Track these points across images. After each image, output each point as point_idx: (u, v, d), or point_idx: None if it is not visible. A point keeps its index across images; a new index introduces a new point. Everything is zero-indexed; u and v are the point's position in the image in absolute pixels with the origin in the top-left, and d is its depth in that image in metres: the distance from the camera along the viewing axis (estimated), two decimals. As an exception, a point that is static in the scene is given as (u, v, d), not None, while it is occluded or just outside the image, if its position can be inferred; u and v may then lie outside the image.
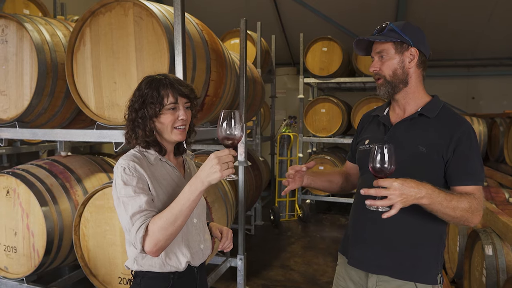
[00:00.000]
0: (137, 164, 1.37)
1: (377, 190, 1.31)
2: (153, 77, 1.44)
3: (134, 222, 1.29)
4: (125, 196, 1.32)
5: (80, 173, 3.26)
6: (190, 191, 1.28)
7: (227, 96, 3.27)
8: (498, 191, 4.00)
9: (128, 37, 2.47)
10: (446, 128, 1.54)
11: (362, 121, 1.86)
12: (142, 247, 1.27)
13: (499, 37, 7.72)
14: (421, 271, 1.57)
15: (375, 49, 1.61)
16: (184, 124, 1.44)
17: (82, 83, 2.65)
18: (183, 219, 1.29)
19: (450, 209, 1.38)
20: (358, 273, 1.68)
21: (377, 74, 1.61)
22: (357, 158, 1.78)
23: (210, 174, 1.24)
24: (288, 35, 8.63)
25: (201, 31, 2.81)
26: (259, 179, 4.98)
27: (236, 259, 3.56)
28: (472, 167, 1.50)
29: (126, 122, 1.47)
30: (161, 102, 1.39)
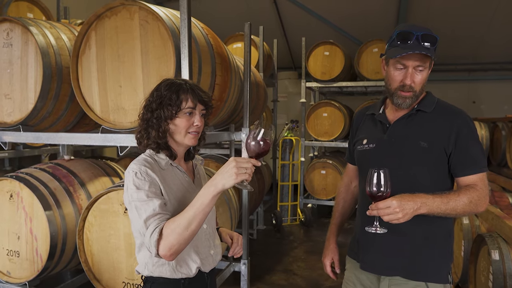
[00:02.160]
0: (149, 169, 1.36)
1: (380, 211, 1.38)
2: (173, 80, 1.44)
3: (149, 226, 1.27)
4: (138, 200, 1.31)
5: (83, 177, 3.25)
6: (204, 195, 1.26)
7: (232, 100, 3.26)
8: (502, 195, 3.99)
9: (134, 41, 2.46)
10: (444, 120, 1.56)
11: (356, 120, 1.84)
12: (156, 251, 1.25)
13: (500, 41, 7.75)
14: (433, 270, 1.57)
15: (415, 61, 1.51)
16: (198, 130, 1.44)
17: (87, 87, 2.64)
18: (198, 223, 1.27)
19: (450, 210, 1.44)
20: (369, 277, 1.67)
21: (411, 88, 1.54)
22: (357, 159, 1.77)
23: (225, 177, 1.22)
24: (290, 39, 8.65)
25: (206, 35, 2.81)
26: (261, 183, 4.97)
27: (240, 263, 3.54)
28: (474, 156, 1.53)
29: (139, 122, 1.46)
30: (179, 105, 1.38)
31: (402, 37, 1.52)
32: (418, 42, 1.50)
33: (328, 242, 1.90)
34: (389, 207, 1.36)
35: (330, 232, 1.92)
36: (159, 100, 1.40)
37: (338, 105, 6.47)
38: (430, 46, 1.50)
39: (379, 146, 1.65)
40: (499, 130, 5.93)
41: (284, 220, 6.26)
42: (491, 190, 4.33)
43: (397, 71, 1.55)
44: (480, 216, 3.09)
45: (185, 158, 1.55)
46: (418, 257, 1.57)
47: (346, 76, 6.75)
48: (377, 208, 1.37)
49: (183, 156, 1.53)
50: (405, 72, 1.54)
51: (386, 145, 1.62)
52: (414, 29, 1.51)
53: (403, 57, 1.51)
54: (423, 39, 1.50)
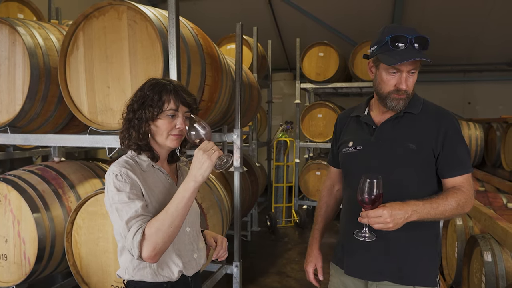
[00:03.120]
0: (130, 171, 1.33)
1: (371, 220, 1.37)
2: (157, 80, 1.41)
3: (130, 227, 1.24)
4: (119, 202, 1.28)
5: (73, 179, 3.21)
6: (184, 189, 1.26)
7: (223, 101, 3.24)
8: (496, 196, 3.97)
9: (122, 41, 2.44)
10: (432, 121, 1.55)
11: (340, 122, 1.81)
12: (139, 253, 1.23)
13: (495, 42, 7.76)
14: (421, 274, 1.55)
15: (410, 65, 1.48)
16: (180, 133, 1.41)
17: (75, 88, 2.61)
18: (180, 219, 1.26)
19: (439, 214, 1.44)
20: (355, 283, 1.63)
21: (405, 92, 1.52)
22: (342, 161, 1.74)
23: (200, 167, 1.25)
24: (285, 40, 8.64)
25: (196, 35, 2.79)
26: (255, 185, 4.94)
27: (232, 266, 3.51)
28: (461, 157, 1.53)
29: (122, 121, 1.43)
30: (160, 107, 1.35)
31: (395, 41, 1.48)
32: (412, 46, 1.47)
33: (311, 248, 1.85)
34: (380, 217, 1.34)
35: (312, 238, 1.87)
36: (141, 100, 1.37)
37: (333, 106, 6.46)
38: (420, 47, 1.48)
39: (366, 148, 1.62)
40: (493, 131, 5.93)
41: (279, 222, 6.23)
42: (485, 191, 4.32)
43: (390, 75, 1.52)
44: (474, 217, 3.06)
45: (169, 160, 1.52)
46: (406, 261, 1.54)
47: (341, 77, 6.74)
48: (367, 217, 1.36)
49: (166, 158, 1.50)
50: (399, 76, 1.50)
51: (373, 147, 1.60)
52: (406, 32, 1.48)
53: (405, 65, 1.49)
54: (417, 42, 1.47)
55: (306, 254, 1.87)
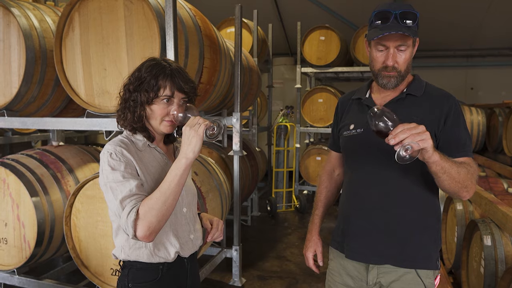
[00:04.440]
0: (124, 149, 1.31)
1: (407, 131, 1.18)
2: (156, 61, 1.37)
3: (125, 206, 1.24)
4: (114, 181, 1.27)
5: (72, 163, 3.20)
6: (176, 167, 1.26)
7: (222, 85, 3.20)
8: (497, 181, 3.96)
9: (118, 22, 2.39)
10: (434, 103, 1.51)
11: (341, 105, 1.77)
12: (134, 232, 1.22)
13: (498, 27, 7.64)
14: (423, 257, 1.53)
15: (396, 41, 1.45)
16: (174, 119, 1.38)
17: (72, 70, 2.57)
18: (174, 197, 1.26)
19: (455, 170, 1.33)
20: (356, 267, 1.60)
21: (394, 68, 1.49)
22: (343, 145, 1.70)
23: (189, 143, 1.24)
24: (286, 24, 8.52)
25: (194, 17, 2.73)
26: (255, 170, 4.93)
27: (232, 250, 3.52)
28: (461, 139, 1.48)
29: (119, 99, 1.41)
30: (156, 92, 1.32)
31: (380, 17, 1.46)
32: (397, 21, 1.44)
33: (310, 234, 1.82)
34: (416, 127, 1.19)
35: (312, 223, 1.84)
36: (138, 82, 1.34)
37: (334, 90, 6.40)
38: (411, 23, 1.44)
39: (367, 130, 1.59)
40: (496, 116, 5.88)
41: (279, 207, 6.24)
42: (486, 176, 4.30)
43: (379, 53, 1.50)
44: (474, 201, 3.05)
45: (165, 141, 1.49)
46: (408, 244, 1.52)
47: (342, 61, 6.66)
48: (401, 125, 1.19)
49: (162, 139, 1.48)
50: (386, 53, 1.48)
51: None
52: (392, 8, 1.45)
53: (383, 38, 1.46)
54: (402, 17, 1.44)
55: (306, 239, 1.84)
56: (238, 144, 3.29)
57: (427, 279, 1.52)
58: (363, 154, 1.59)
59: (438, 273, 1.56)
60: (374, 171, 1.55)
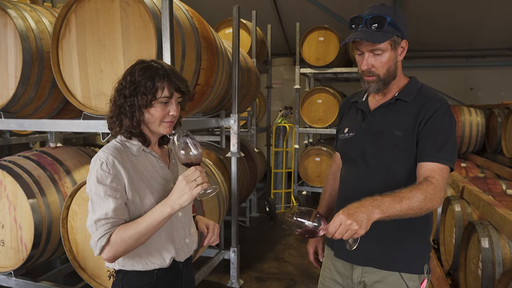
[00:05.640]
0: (117, 160, 1.30)
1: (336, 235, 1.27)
2: (148, 64, 1.35)
3: (98, 228, 1.25)
4: (95, 194, 1.28)
5: (69, 164, 3.19)
6: (160, 213, 1.26)
7: (219, 86, 3.19)
8: (496, 182, 3.95)
9: (115, 24, 2.38)
10: (419, 107, 1.49)
11: (342, 107, 1.81)
12: (99, 253, 1.26)
13: (498, 28, 7.63)
14: (407, 260, 1.53)
15: (368, 45, 1.47)
16: (174, 120, 1.38)
17: (68, 72, 2.56)
18: (148, 237, 1.28)
19: (406, 209, 1.32)
20: (343, 264, 1.64)
21: (370, 72, 1.50)
22: (339, 147, 1.75)
23: (179, 197, 1.23)
24: (285, 25, 8.51)
25: (191, 18, 2.73)
26: (254, 171, 4.92)
27: (229, 251, 3.51)
28: (437, 143, 1.43)
29: (110, 106, 1.37)
30: (154, 94, 1.30)
31: (352, 22, 1.51)
32: (366, 27, 1.46)
33: None
34: (341, 224, 1.25)
35: None
36: (133, 86, 1.31)
37: (333, 91, 6.39)
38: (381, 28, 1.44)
39: (357, 135, 1.61)
40: (495, 117, 5.87)
41: (278, 208, 6.23)
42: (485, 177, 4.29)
43: (358, 57, 1.53)
44: (472, 203, 3.04)
45: (159, 143, 1.49)
46: (393, 247, 1.52)
47: (341, 62, 6.65)
48: (329, 233, 1.27)
49: (157, 142, 1.47)
50: (362, 57, 1.51)
51: (363, 134, 1.58)
52: (365, 13, 1.48)
53: (357, 43, 1.49)
54: (371, 23, 1.45)
55: None
56: (236, 145, 3.29)
57: (411, 281, 1.52)
58: (353, 157, 1.63)
59: (425, 278, 1.55)
60: (361, 174, 1.58)
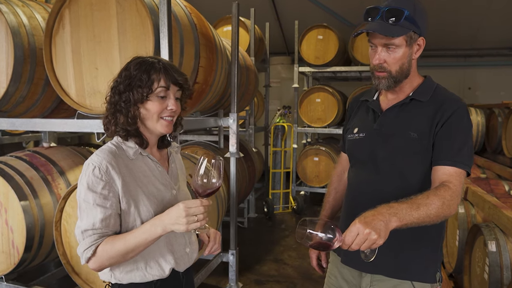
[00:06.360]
0: (111, 165, 1.22)
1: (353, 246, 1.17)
2: (144, 59, 1.28)
3: (85, 238, 1.19)
4: (84, 201, 1.20)
5: (63, 165, 3.10)
6: (150, 232, 1.18)
7: (218, 84, 3.10)
8: (498, 183, 3.89)
9: (110, 19, 2.29)
10: (436, 108, 1.41)
11: (351, 106, 1.71)
12: (85, 263, 1.20)
13: (498, 27, 7.59)
14: (419, 269, 1.46)
15: (381, 39, 1.38)
16: (172, 115, 1.29)
17: (62, 69, 2.47)
18: (137, 253, 1.22)
19: (424, 216, 1.24)
20: (351, 271, 1.56)
21: (381, 67, 1.41)
22: (347, 148, 1.64)
23: (174, 224, 1.16)
24: (283, 23, 8.43)
25: (189, 14, 2.64)
26: (252, 171, 4.84)
27: (228, 254, 3.43)
28: (455, 146, 1.36)
29: (106, 105, 1.30)
30: (150, 87, 1.23)
31: (368, 14, 1.40)
32: (382, 19, 1.37)
33: None
34: (358, 234, 1.15)
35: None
36: (128, 81, 1.24)
37: (332, 90, 6.32)
38: (398, 21, 1.35)
39: (369, 136, 1.52)
40: (495, 117, 5.82)
41: (276, 208, 6.15)
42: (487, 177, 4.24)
43: (371, 50, 1.44)
44: (476, 205, 2.98)
45: (159, 146, 1.40)
46: (405, 255, 1.45)
47: (340, 60, 6.58)
48: (346, 244, 1.17)
49: (156, 144, 1.38)
50: (375, 51, 1.42)
51: (375, 135, 1.49)
52: (382, 5, 1.38)
53: (370, 36, 1.40)
54: (388, 15, 1.35)
55: None
56: (235, 145, 3.21)
57: None
58: (363, 159, 1.54)
59: (437, 286, 1.48)
60: (371, 177, 1.49)
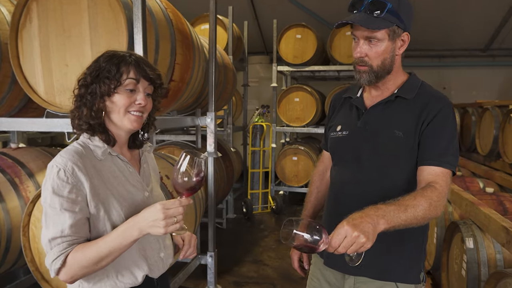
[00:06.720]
0: (77, 166, 1.13)
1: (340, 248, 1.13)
2: (115, 52, 1.22)
3: (53, 247, 1.10)
4: (50, 206, 1.11)
5: (32, 167, 2.95)
6: (124, 236, 1.10)
7: (195, 82, 3.03)
8: (473, 180, 3.96)
9: (81, 13, 2.18)
10: (422, 106, 1.39)
11: (333, 103, 1.66)
12: (55, 275, 1.10)
13: (469, 28, 7.77)
14: (403, 269, 1.43)
15: (363, 31, 1.34)
16: (141, 111, 1.21)
17: (29, 66, 2.34)
18: (112, 260, 1.12)
19: (411, 218, 1.21)
20: (334, 274, 1.52)
21: (363, 61, 1.37)
22: (329, 146, 1.59)
23: (152, 226, 1.08)
24: (261, 22, 8.40)
25: (165, 9, 2.56)
26: (230, 171, 4.78)
27: (206, 256, 3.36)
28: (441, 146, 1.34)
29: (73, 99, 1.23)
30: (118, 79, 1.16)
31: (353, 6, 1.37)
32: (366, 11, 1.33)
33: None
34: (346, 237, 1.11)
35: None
36: (96, 72, 1.18)
37: (310, 89, 6.32)
38: (379, 14, 1.31)
39: (352, 133, 1.48)
40: (469, 116, 5.94)
41: (255, 208, 6.11)
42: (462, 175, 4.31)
43: (354, 43, 1.40)
44: (454, 202, 3.01)
45: (130, 146, 1.32)
46: (389, 256, 1.42)
47: (319, 60, 6.59)
48: (332, 246, 1.12)
49: (126, 143, 1.30)
50: (357, 44, 1.38)
51: (359, 133, 1.45)
52: None
53: (353, 28, 1.36)
54: (371, 7, 1.32)
55: None
56: (212, 145, 3.13)
57: None
58: (346, 158, 1.50)
59: (421, 286, 1.46)
60: (355, 176, 1.45)
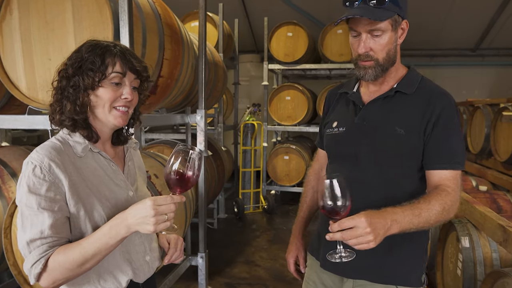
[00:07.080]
0: (54, 163, 1.05)
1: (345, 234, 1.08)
2: (98, 41, 1.13)
3: (32, 250, 1.01)
4: (26, 206, 1.02)
5: (15, 166, 2.84)
6: (111, 235, 1.02)
7: (185, 79, 2.94)
8: (466, 179, 3.95)
9: (64, 5, 2.09)
10: (425, 102, 1.33)
11: (328, 99, 1.60)
12: (36, 281, 1.00)
13: (460, 29, 7.81)
14: (404, 272, 1.37)
15: (366, 25, 1.28)
16: (127, 106, 1.14)
17: (10, 60, 2.24)
18: (97, 262, 1.04)
19: (423, 223, 1.20)
20: (331, 277, 1.45)
21: (368, 55, 1.31)
22: (325, 143, 1.53)
23: (141, 223, 1.01)
24: (252, 20, 8.33)
25: (153, 3, 2.47)
26: (221, 170, 4.70)
27: (197, 257, 3.28)
28: (450, 148, 1.29)
29: (52, 91, 1.15)
30: (103, 72, 1.08)
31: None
32: (364, 3, 1.27)
33: (293, 237, 1.67)
34: (357, 228, 1.07)
35: (295, 226, 1.69)
36: (78, 64, 1.09)
37: (302, 88, 6.27)
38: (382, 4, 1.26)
39: (349, 130, 1.41)
40: (460, 115, 5.95)
41: (247, 208, 6.03)
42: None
43: (353, 39, 1.34)
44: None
45: (114, 142, 1.24)
46: (389, 258, 1.36)
47: (310, 58, 6.54)
48: (340, 227, 1.08)
49: (110, 139, 1.22)
50: (359, 39, 1.32)
51: (357, 129, 1.39)
52: None
53: (352, 22, 1.30)
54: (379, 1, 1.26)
55: (289, 242, 1.70)
56: (203, 143, 3.06)
57: None
58: (343, 155, 1.43)
59: None
60: (352, 174, 1.37)
